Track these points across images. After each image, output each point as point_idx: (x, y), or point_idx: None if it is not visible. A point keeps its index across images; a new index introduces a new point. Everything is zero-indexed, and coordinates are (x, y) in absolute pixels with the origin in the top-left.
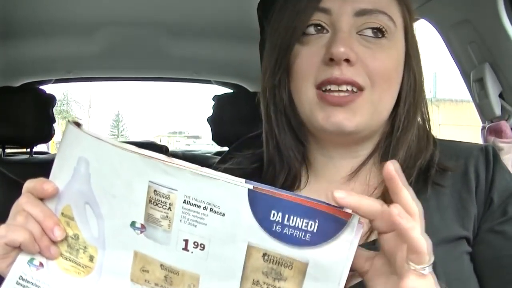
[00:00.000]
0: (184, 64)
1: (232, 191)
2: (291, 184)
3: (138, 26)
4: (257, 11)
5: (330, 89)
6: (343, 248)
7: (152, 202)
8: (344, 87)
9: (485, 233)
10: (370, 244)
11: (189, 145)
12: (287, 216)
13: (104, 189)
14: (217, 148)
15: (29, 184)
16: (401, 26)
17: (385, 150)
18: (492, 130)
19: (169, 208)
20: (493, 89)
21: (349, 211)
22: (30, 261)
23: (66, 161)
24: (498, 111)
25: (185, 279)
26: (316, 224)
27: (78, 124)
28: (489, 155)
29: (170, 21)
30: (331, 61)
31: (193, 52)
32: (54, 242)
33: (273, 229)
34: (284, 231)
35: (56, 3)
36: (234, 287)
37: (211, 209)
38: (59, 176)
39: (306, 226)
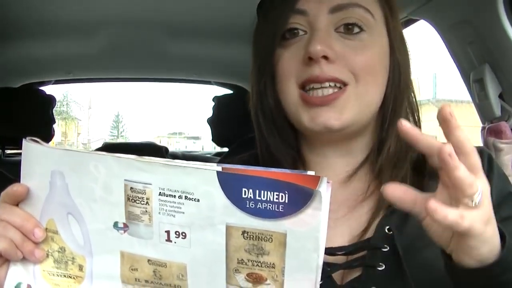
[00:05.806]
0: (184, 64)
1: (202, 176)
2: None
3: (138, 26)
4: (257, 11)
5: (313, 87)
6: (315, 216)
7: (130, 200)
8: (326, 84)
9: None
10: (365, 242)
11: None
12: (257, 191)
13: (84, 196)
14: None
15: (3, 194)
16: (382, 20)
17: (378, 144)
18: (492, 130)
19: (147, 202)
20: (493, 89)
21: (312, 173)
22: (17, 286)
23: (37, 178)
24: (498, 112)
25: (173, 270)
26: (286, 195)
27: (35, 141)
28: (483, 157)
29: (170, 21)
30: (310, 60)
31: (193, 53)
32: (38, 246)
33: (247, 206)
34: (258, 206)
35: (56, 4)
36: (221, 270)
37: (185, 197)
38: (35, 193)
39: (278, 198)
